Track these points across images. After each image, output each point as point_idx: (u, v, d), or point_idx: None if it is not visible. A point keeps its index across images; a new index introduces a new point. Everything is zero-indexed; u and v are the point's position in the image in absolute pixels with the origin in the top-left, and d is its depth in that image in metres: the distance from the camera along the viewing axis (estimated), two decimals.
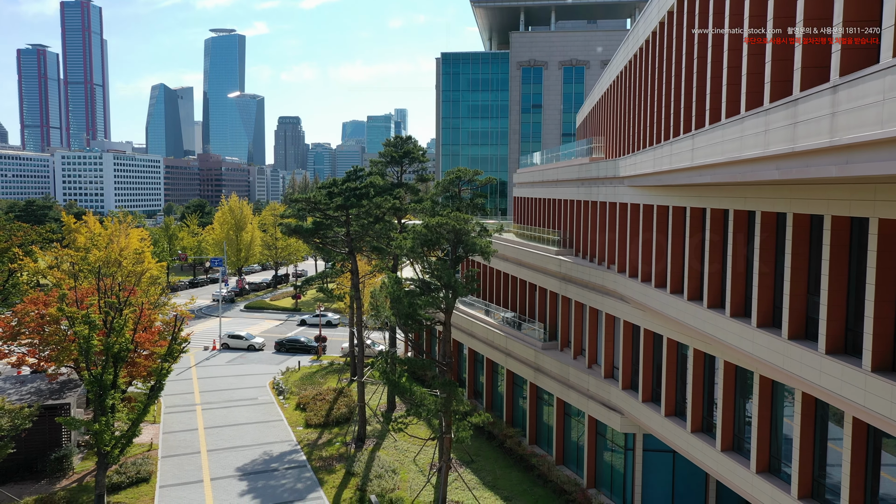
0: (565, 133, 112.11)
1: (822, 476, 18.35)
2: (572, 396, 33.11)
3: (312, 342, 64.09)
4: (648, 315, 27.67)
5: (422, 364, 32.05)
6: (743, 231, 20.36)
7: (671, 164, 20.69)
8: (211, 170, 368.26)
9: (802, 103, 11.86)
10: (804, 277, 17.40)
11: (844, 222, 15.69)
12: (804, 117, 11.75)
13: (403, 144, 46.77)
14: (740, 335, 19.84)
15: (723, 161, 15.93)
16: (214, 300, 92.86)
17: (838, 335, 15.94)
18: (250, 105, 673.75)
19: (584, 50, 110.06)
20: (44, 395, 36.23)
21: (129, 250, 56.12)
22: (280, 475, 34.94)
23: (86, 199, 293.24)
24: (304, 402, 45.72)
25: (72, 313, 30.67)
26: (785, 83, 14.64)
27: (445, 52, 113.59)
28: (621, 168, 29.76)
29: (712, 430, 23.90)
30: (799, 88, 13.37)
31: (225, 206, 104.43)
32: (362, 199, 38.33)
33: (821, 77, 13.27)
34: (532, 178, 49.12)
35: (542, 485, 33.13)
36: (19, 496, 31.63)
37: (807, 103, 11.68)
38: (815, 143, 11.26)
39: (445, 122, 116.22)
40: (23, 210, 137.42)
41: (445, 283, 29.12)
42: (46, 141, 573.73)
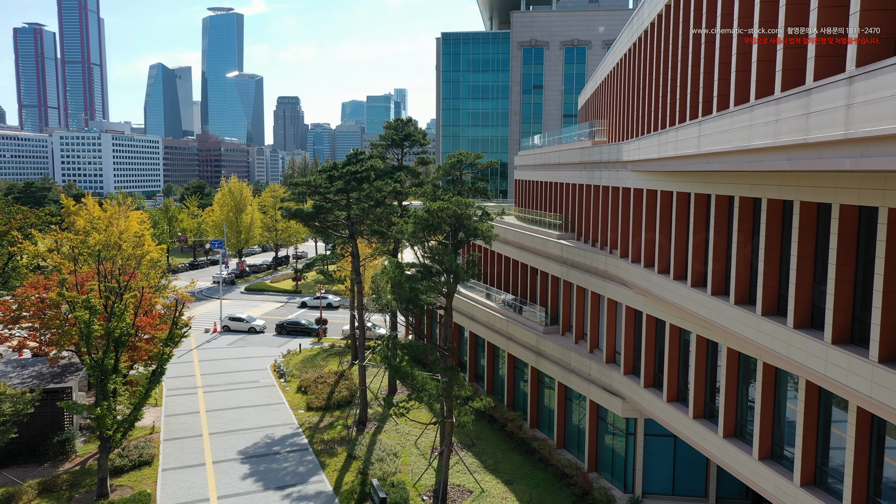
0: (566, 114, 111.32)
1: (825, 463, 18.36)
2: (574, 381, 33.12)
3: (313, 325, 64.14)
4: (650, 301, 27.57)
5: (423, 349, 32.02)
6: (748, 218, 20.16)
7: (676, 151, 20.44)
8: (210, 150, 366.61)
9: (816, 93, 11.60)
10: (811, 266, 17.24)
11: (853, 211, 15.49)
12: (818, 108, 11.50)
13: (404, 127, 46.39)
14: (745, 323, 19.73)
15: (731, 149, 15.68)
16: (215, 282, 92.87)
17: (845, 325, 15.82)
18: (249, 85, 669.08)
19: (586, 30, 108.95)
20: (45, 379, 36.26)
21: (128, 233, 55.95)
22: (282, 458, 35.08)
23: (85, 179, 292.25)
24: (305, 385, 45.81)
25: (72, 298, 30.60)
26: (797, 72, 14.32)
27: (445, 32, 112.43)
28: (624, 152, 29.48)
29: (714, 416, 23.90)
30: (812, 78, 13.08)
31: (225, 187, 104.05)
32: (363, 182, 38.07)
33: (835, 67, 12.94)
34: (534, 161, 48.78)
35: (543, 468, 33.26)
36: (22, 479, 31.77)
37: (821, 94, 11.42)
38: (829, 135, 11.02)
39: (446, 102, 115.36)
40: (21, 192, 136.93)
41: (447, 267, 28.98)
42: (44, 121, 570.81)
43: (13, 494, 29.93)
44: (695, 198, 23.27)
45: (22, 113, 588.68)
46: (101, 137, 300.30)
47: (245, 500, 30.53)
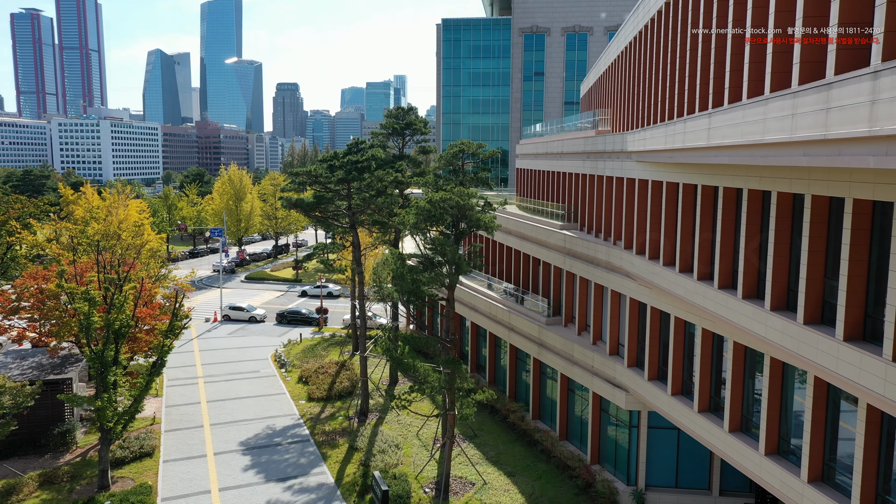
0: (567, 102, 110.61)
1: (833, 459, 18.15)
2: (576, 373, 32.92)
3: (314, 314, 63.94)
4: (655, 293, 27.29)
5: (425, 341, 31.79)
6: (757, 211, 19.80)
7: (684, 143, 20.05)
8: (209, 137, 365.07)
9: (837, 88, 11.22)
10: (822, 261, 16.92)
11: (867, 206, 15.14)
12: (839, 103, 11.11)
13: (405, 116, 45.92)
14: (753, 318, 19.45)
15: (743, 143, 15.29)
16: (215, 271, 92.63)
17: (857, 322, 15.52)
18: (248, 71, 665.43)
19: (588, 16, 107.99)
20: (45, 370, 36.07)
21: (128, 222, 55.57)
22: (283, 450, 34.97)
23: (84, 167, 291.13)
24: (306, 376, 45.67)
25: (71, 289, 30.32)
26: (815, 64, 13.88)
27: (446, 19, 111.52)
28: (629, 142, 29.08)
29: (720, 411, 23.69)
30: (833, 72, 12.66)
31: (224, 175, 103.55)
32: (364, 172, 37.68)
33: (857, 61, 12.47)
34: (536, 150, 48.34)
35: (545, 460, 33.16)
36: (23, 471, 31.65)
37: (842, 88, 11.03)
38: (851, 132, 10.65)
39: (446, 90, 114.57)
40: (20, 180, 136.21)
41: (449, 259, 28.68)
42: (43, 107, 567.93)
43: (14, 487, 29.83)
44: (702, 189, 22.91)
45: (20, 99, 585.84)
46: (99, 124, 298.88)
47: (247, 493, 30.42)
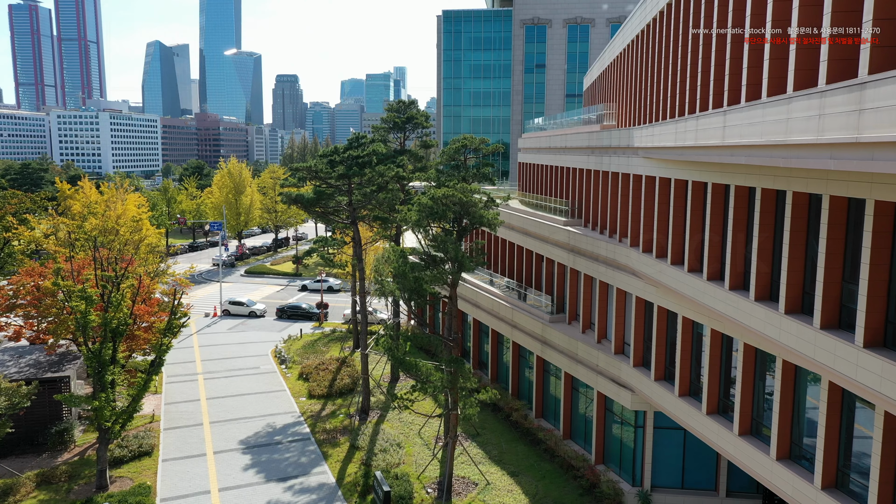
0: (569, 94, 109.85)
1: (848, 465, 17.70)
2: (581, 372, 32.47)
3: (314, 309, 63.48)
4: (662, 292, 26.78)
5: (427, 339, 31.33)
6: (770, 211, 19.24)
7: (696, 140, 19.47)
8: (209, 129, 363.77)
9: (872, 88, 10.63)
10: (839, 264, 16.38)
11: (889, 207, 14.59)
12: (874, 104, 10.53)
13: (406, 110, 45.28)
14: (766, 321, 18.93)
15: (762, 143, 14.70)
16: (214, 265, 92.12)
17: (878, 328, 15.01)
18: (247, 63, 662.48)
19: (590, 7, 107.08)
20: (43, 368, 35.60)
21: (126, 217, 55.00)
22: (284, 448, 34.56)
23: (83, 159, 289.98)
24: (306, 372, 45.23)
25: (68, 287, 29.79)
26: (846, 62, 13.24)
27: (447, 10, 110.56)
28: (636, 138, 28.49)
29: (729, 413, 23.22)
30: (866, 70, 12.04)
31: (224, 169, 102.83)
32: (365, 167, 37.10)
33: (890, 60, 11.75)
34: (538, 144, 47.75)
35: (549, 459, 32.74)
36: (20, 470, 31.24)
37: (878, 88, 10.44)
38: (889, 135, 10.06)
39: (447, 82, 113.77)
40: (18, 173, 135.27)
41: (451, 256, 28.16)
42: (42, 99, 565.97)
43: (11, 487, 29.42)
44: (712, 188, 22.36)
45: (18, 91, 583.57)
46: (98, 116, 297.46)
47: (247, 493, 30.02)
